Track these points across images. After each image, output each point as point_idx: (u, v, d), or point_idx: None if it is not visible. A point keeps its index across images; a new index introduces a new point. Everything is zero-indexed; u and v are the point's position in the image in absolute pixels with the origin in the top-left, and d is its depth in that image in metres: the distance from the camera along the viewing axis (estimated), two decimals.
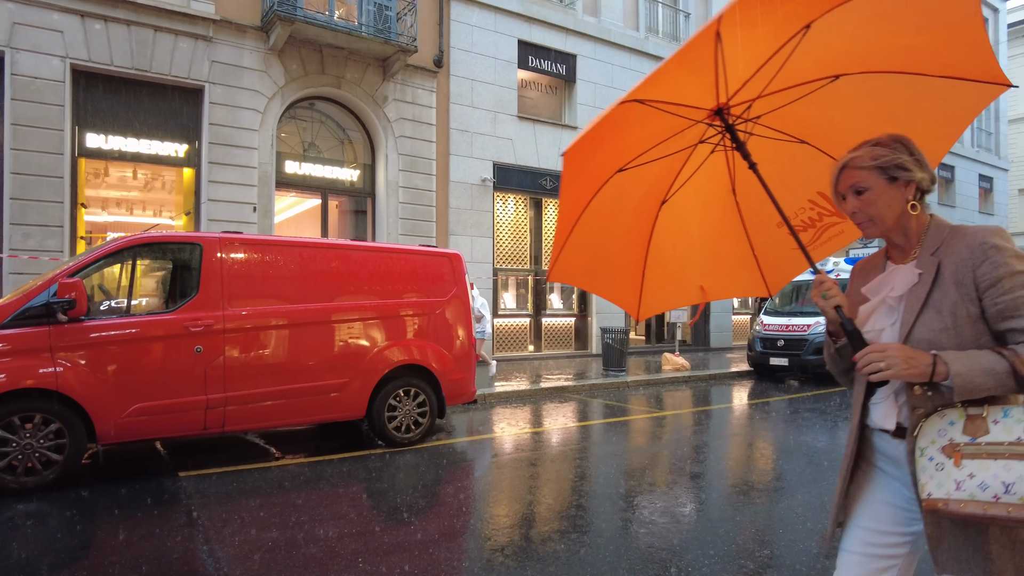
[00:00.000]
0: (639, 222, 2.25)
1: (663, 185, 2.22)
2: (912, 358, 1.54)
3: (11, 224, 9.88)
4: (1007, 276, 1.51)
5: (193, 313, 5.65)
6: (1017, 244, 1.55)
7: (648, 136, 2.01)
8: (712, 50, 1.67)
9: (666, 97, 1.84)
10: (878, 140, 1.65)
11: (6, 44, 9.80)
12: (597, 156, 1.96)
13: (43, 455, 5.03)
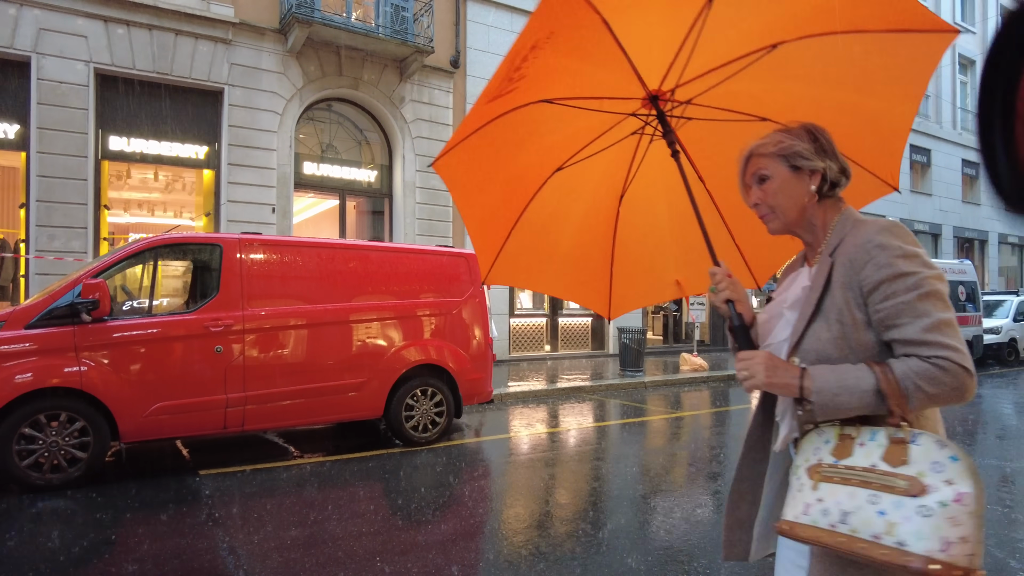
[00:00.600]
0: (598, 219, 2.13)
1: (616, 179, 2.08)
2: (775, 368, 1.42)
3: (37, 226, 10.07)
4: (888, 279, 1.32)
5: (213, 313, 5.72)
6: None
7: (579, 132, 1.90)
8: (607, 39, 1.57)
9: (580, 93, 1.75)
10: (787, 127, 1.52)
11: (32, 49, 9.99)
12: (516, 159, 1.88)
13: (68, 452, 5.13)
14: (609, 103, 1.83)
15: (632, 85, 1.76)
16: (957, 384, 1.26)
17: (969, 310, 14.51)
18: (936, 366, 1.26)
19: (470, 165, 1.92)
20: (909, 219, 22.50)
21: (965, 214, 24.94)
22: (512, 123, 1.82)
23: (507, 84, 1.67)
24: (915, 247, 1.34)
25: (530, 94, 1.79)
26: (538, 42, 1.60)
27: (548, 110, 1.75)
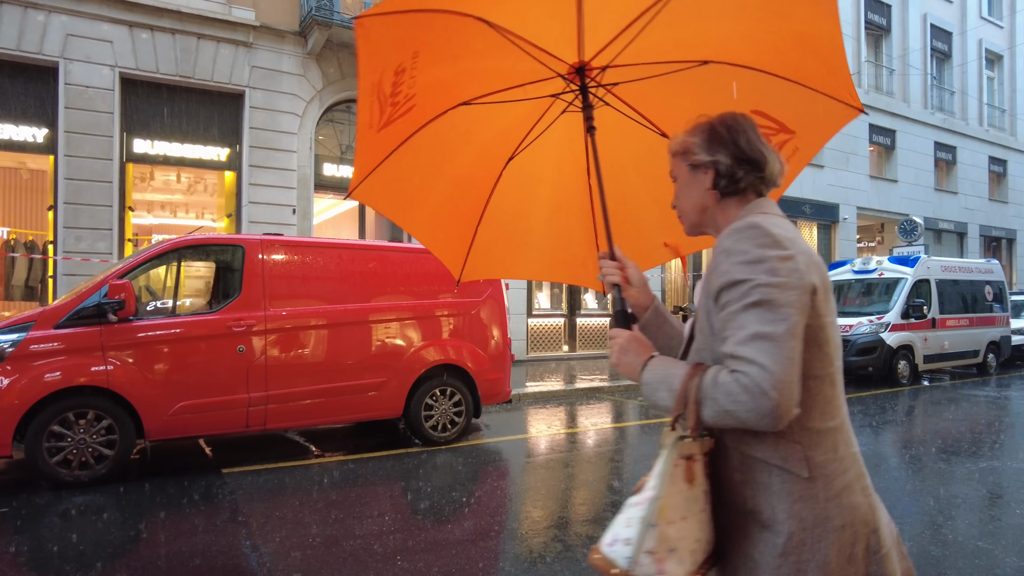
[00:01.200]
0: (480, 172, 2.00)
1: (513, 137, 1.97)
2: (626, 351, 1.36)
3: (64, 227, 10.27)
4: (725, 287, 1.21)
5: (236, 313, 5.79)
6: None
7: (500, 73, 1.80)
8: (491, 34, 1.55)
9: (496, 87, 1.71)
10: (695, 122, 1.41)
11: (60, 55, 10.19)
12: (455, 162, 1.83)
13: (95, 450, 5.23)
14: (533, 88, 1.80)
15: (567, 45, 1.70)
16: (754, 406, 1.11)
17: (996, 310, 14.25)
18: (736, 381, 1.13)
19: (396, 185, 1.91)
20: (934, 217, 22.16)
21: (992, 212, 24.48)
22: (434, 134, 1.81)
23: (394, 109, 1.67)
24: (764, 250, 1.18)
25: (439, 104, 1.79)
26: (403, 65, 1.59)
27: (471, 111, 1.75)
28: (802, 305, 1.16)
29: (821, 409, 1.22)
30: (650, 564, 1.15)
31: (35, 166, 12.39)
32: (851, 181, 20.37)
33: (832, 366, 1.24)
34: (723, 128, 1.36)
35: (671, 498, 1.19)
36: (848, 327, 12.02)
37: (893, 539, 1.28)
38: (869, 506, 1.23)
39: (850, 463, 1.24)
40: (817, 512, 1.19)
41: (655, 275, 16.18)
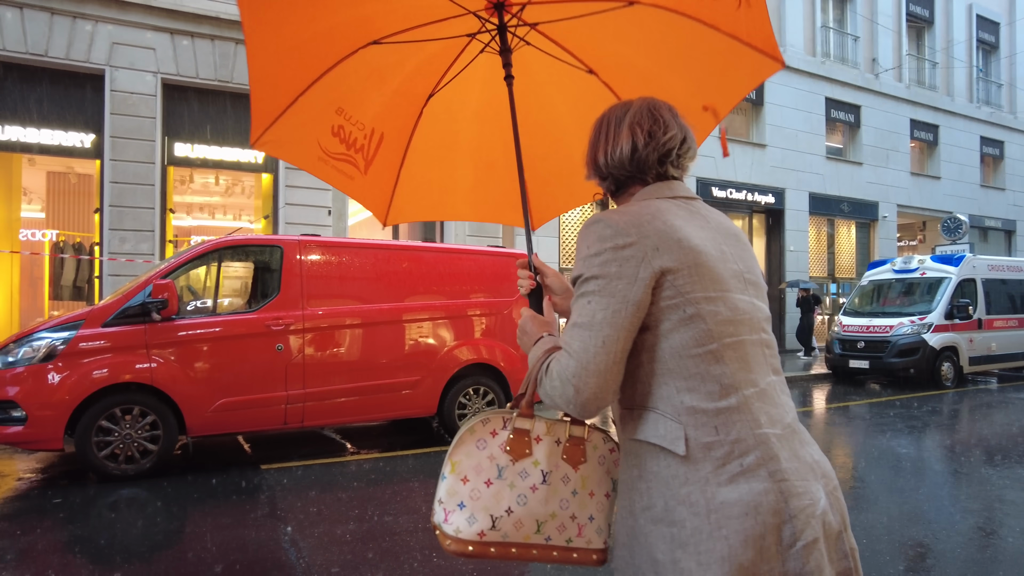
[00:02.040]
0: (398, 113, 1.95)
1: (430, 76, 1.93)
2: (523, 331, 1.40)
3: (110, 229, 10.60)
4: (572, 284, 1.26)
5: (274, 312, 5.91)
6: None
7: (412, 11, 1.73)
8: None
9: (426, 33, 1.65)
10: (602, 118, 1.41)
11: (106, 63, 10.52)
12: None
13: (140, 445, 5.38)
14: (447, 25, 1.75)
15: (461, 3, 1.66)
16: (562, 392, 1.16)
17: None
18: (554, 367, 1.19)
19: (306, 130, 1.86)
20: (980, 215, 21.47)
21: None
22: (344, 75, 1.78)
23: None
24: (600, 243, 1.18)
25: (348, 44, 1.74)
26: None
27: (382, 51, 1.74)
28: (630, 294, 1.15)
29: (708, 388, 1.15)
30: (439, 512, 1.29)
31: (82, 170, 12.82)
32: (891, 178, 19.86)
33: (715, 342, 1.16)
34: (591, 138, 1.39)
35: (468, 458, 1.29)
36: (888, 327, 11.73)
37: (829, 532, 1.16)
38: (779, 493, 1.10)
39: (751, 445, 1.12)
40: (708, 497, 1.10)
41: None
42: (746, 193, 17.21)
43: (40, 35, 10.19)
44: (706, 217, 1.29)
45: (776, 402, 1.21)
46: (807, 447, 1.21)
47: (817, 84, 18.46)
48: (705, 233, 1.23)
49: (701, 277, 1.17)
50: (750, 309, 1.23)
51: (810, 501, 1.14)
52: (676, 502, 1.13)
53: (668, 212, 1.23)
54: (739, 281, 1.24)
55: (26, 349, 5.24)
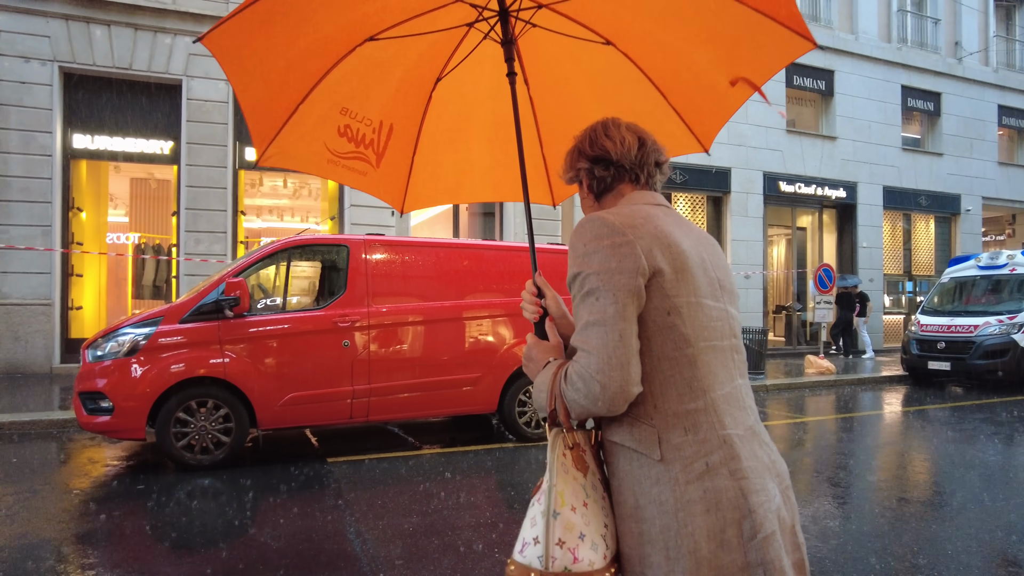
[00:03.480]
0: (405, 104, 1.92)
1: (433, 65, 1.88)
2: (529, 357, 1.42)
3: (186, 231, 11.13)
4: (569, 283, 1.28)
5: (341, 309, 6.06)
6: None
7: (400, 5, 1.69)
8: None
9: (422, 24, 1.59)
10: (583, 134, 1.46)
11: (183, 73, 11.05)
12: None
13: (214, 436, 5.61)
14: (442, 14, 1.69)
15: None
16: (587, 391, 1.17)
17: None
18: (575, 371, 1.20)
19: (312, 136, 1.86)
20: None
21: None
22: (344, 75, 1.77)
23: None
24: (596, 241, 1.22)
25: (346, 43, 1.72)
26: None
27: (381, 46, 1.71)
28: (633, 287, 1.18)
29: (679, 391, 1.20)
30: (564, 554, 1.16)
31: (162, 176, 13.51)
32: (976, 169, 18.75)
33: (691, 347, 1.21)
34: (576, 143, 1.45)
35: (566, 485, 1.22)
36: (972, 327, 11.06)
37: (784, 526, 1.23)
38: (739, 490, 1.17)
39: (715, 445, 1.19)
40: (677, 495, 1.16)
41: (759, 275, 15.55)
42: (815, 187, 16.58)
43: (125, 50, 10.78)
44: (688, 225, 1.36)
45: (741, 405, 1.27)
46: (765, 448, 1.28)
47: (893, 71, 17.61)
48: (689, 240, 1.29)
49: (685, 283, 1.22)
50: (723, 316, 1.29)
51: (767, 498, 1.20)
52: (647, 501, 1.19)
53: (658, 218, 1.29)
54: (715, 288, 1.29)
55: (112, 344, 5.55)
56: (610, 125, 1.43)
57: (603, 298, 1.18)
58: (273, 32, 1.61)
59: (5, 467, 5.65)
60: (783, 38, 1.55)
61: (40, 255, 10.36)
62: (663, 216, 1.31)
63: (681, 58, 1.71)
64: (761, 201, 15.87)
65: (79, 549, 3.91)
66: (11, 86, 10.25)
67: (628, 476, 1.23)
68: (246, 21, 1.53)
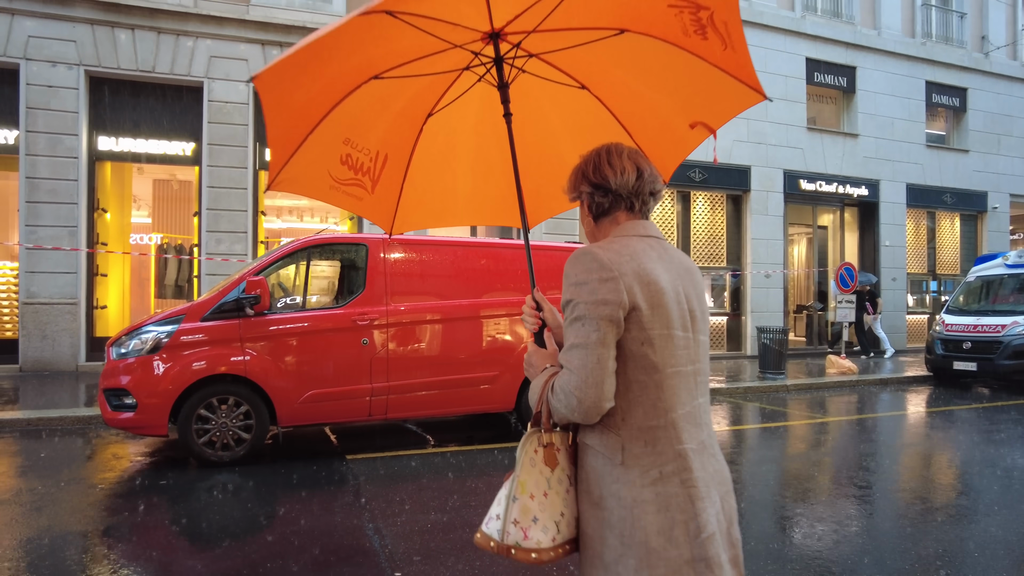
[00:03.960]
0: (399, 134, 2.11)
1: (431, 95, 2.08)
2: (529, 364, 1.62)
3: (207, 231, 11.27)
4: (563, 306, 1.47)
5: (360, 308, 6.10)
6: None
7: (405, 50, 1.84)
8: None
9: (425, 11, 1.69)
10: (584, 159, 1.62)
11: (204, 75, 11.19)
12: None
13: (235, 433, 5.68)
14: (448, 29, 1.77)
15: (478, 15, 1.73)
16: (567, 403, 1.39)
17: None
18: (559, 384, 1.42)
19: (318, 164, 2.02)
20: None
21: None
22: (347, 110, 1.93)
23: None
24: (588, 274, 1.40)
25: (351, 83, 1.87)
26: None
27: (383, 84, 1.86)
28: (615, 318, 1.37)
29: (645, 410, 1.41)
30: (516, 531, 1.44)
31: (183, 177, 13.69)
32: (1003, 166, 18.40)
33: (659, 373, 1.41)
34: (581, 165, 1.60)
35: (529, 477, 1.47)
36: (999, 327, 10.85)
37: (721, 527, 1.44)
38: (687, 496, 1.39)
39: (670, 458, 1.40)
40: (634, 495, 1.38)
41: (779, 274, 15.40)
42: (837, 185, 16.37)
43: (148, 53, 10.95)
44: (671, 256, 1.52)
45: (697, 422, 1.48)
46: (713, 460, 1.49)
47: (916, 67, 17.34)
48: (669, 274, 1.47)
49: (660, 317, 1.41)
50: (690, 344, 1.48)
51: (711, 503, 1.42)
52: (608, 494, 1.41)
53: (643, 254, 1.45)
54: (686, 319, 1.47)
55: (135, 341, 5.64)
56: (613, 153, 1.56)
57: (588, 325, 1.38)
58: (304, 73, 1.77)
59: (34, 462, 5.77)
60: (738, 90, 1.75)
61: (67, 255, 10.55)
62: (649, 251, 1.47)
63: (647, 103, 1.95)
64: (781, 199, 15.71)
65: (104, 542, 3.98)
66: (39, 90, 10.46)
67: (594, 472, 1.44)
68: (288, 63, 1.70)
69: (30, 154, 10.44)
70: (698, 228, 15.32)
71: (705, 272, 15.36)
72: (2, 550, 3.75)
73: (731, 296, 15.65)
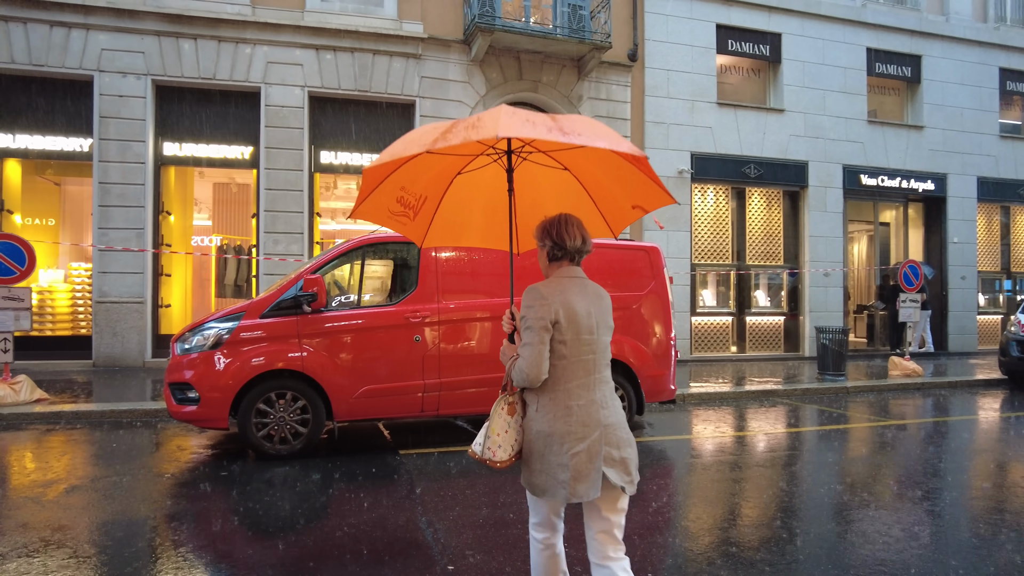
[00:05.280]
0: (435, 186, 3.07)
1: (462, 163, 2.97)
2: (503, 354, 2.53)
3: (265, 232, 11.61)
4: (521, 319, 2.42)
5: (413, 306, 6.18)
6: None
7: (455, 162, 2.94)
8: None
9: (460, 150, 2.74)
10: (541, 223, 2.54)
11: (261, 81, 11.54)
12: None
13: (293, 427, 5.83)
14: (476, 146, 2.74)
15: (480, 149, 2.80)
16: (520, 378, 2.35)
17: None
18: (517, 366, 2.36)
19: (383, 203, 3.04)
20: None
21: None
22: (406, 170, 2.82)
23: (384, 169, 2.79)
24: (533, 301, 2.33)
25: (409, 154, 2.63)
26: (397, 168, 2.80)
27: (431, 157, 2.72)
28: (548, 327, 2.31)
29: (555, 379, 2.36)
30: (489, 452, 2.40)
31: (242, 180, 14.14)
32: None
33: (566, 360, 2.35)
34: (548, 225, 2.50)
35: (497, 423, 2.42)
36: None
37: (588, 451, 2.30)
38: (566, 430, 2.31)
39: (562, 410, 2.34)
40: (541, 427, 2.36)
41: (838, 272, 14.89)
42: (900, 180, 15.72)
43: (209, 61, 11.36)
44: (588, 289, 2.45)
45: (590, 389, 2.38)
46: (601, 410, 2.36)
47: (989, 54, 16.51)
48: (583, 302, 2.39)
49: (572, 327, 2.34)
50: (592, 342, 2.39)
51: (583, 435, 2.31)
52: (532, 425, 2.39)
53: (569, 289, 2.39)
54: (592, 327, 2.39)
55: (198, 337, 5.85)
56: (570, 223, 2.48)
57: (532, 331, 2.32)
58: (390, 196, 3.00)
59: (107, 451, 6.05)
60: (660, 193, 2.68)
61: (134, 256, 11.04)
62: (573, 287, 2.41)
63: (605, 186, 2.87)
64: (840, 195, 15.18)
65: (170, 528, 4.14)
66: (110, 100, 10.98)
67: (528, 417, 2.43)
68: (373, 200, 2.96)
69: (102, 160, 10.97)
70: (754, 226, 14.94)
71: (760, 270, 14.98)
72: (82, 531, 3.95)
73: (788, 295, 15.20)
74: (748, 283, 14.92)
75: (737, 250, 14.80)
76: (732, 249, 14.77)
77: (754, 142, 14.44)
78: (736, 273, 14.72)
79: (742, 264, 14.75)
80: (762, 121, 14.56)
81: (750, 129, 14.45)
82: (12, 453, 6.07)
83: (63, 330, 11.81)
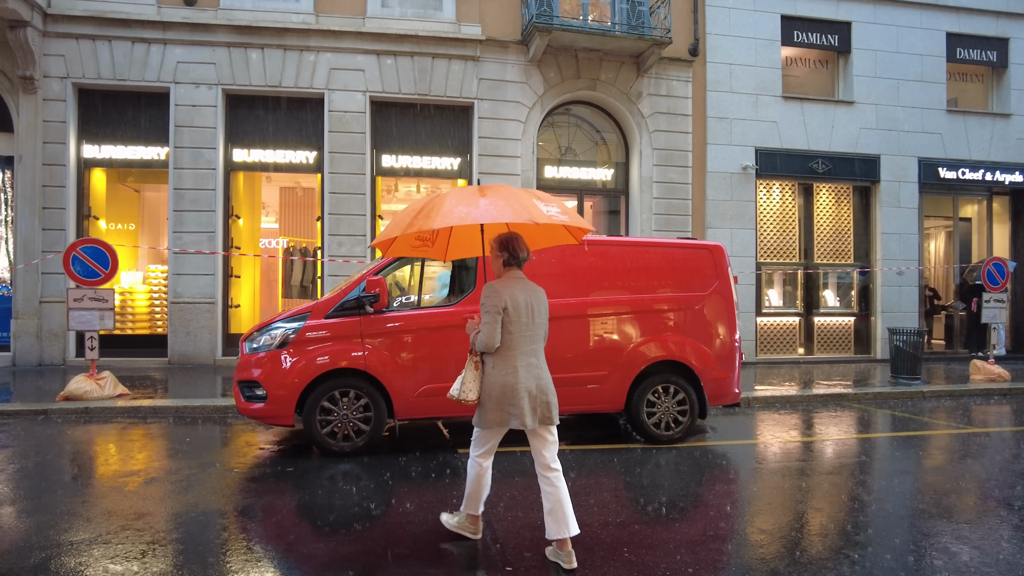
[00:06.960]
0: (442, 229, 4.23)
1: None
2: (469, 329, 3.71)
3: (329, 235, 11.94)
4: (480, 307, 3.61)
5: (471, 306, 6.22)
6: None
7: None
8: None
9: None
10: (497, 235, 3.74)
11: (325, 87, 11.87)
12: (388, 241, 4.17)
13: (355, 425, 5.97)
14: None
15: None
16: (480, 345, 3.55)
17: None
18: (478, 338, 3.56)
19: (401, 247, 4.37)
20: None
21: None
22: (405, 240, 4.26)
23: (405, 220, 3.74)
24: (490, 294, 3.53)
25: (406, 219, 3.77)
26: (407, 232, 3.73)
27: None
28: (499, 311, 3.51)
29: (505, 347, 3.55)
30: (462, 395, 3.60)
31: (307, 184, 14.57)
32: None
33: (512, 335, 3.54)
34: (503, 241, 3.66)
35: (469, 373, 3.62)
36: None
37: (531, 395, 3.55)
38: (512, 384, 3.52)
39: (511, 368, 3.54)
40: (496, 379, 3.55)
41: (913, 270, 14.17)
42: (984, 172, 14.83)
43: (275, 69, 11.77)
44: (527, 287, 3.62)
45: (528, 355, 3.60)
46: (535, 369, 3.61)
47: None
48: (524, 295, 3.57)
49: (516, 313, 3.54)
50: (530, 324, 3.59)
51: (525, 388, 3.55)
52: (488, 378, 3.60)
53: (514, 286, 3.58)
54: (530, 313, 3.59)
55: (266, 337, 6.06)
56: (520, 239, 3.69)
57: (488, 315, 3.51)
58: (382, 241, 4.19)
59: (181, 445, 6.35)
60: (574, 236, 4.14)
61: (206, 258, 11.55)
62: (516, 285, 3.59)
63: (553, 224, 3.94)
64: (916, 190, 14.44)
65: (239, 520, 4.30)
66: (185, 109, 11.52)
67: (485, 373, 3.60)
68: (380, 242, 4.23)
69: (177, 167, 11.52)
70: (822, 222, 14.39)
71: (829, 269, 14.41)
72: (158, 521, 4.16)
73: (858, 295, 14.57)
74: (816, 282, 14.39)
75: (804, 248, 14.29)
76: (799, 247, 14.27)
77: (822, 136, 13.91)
78: (803, 272, 14.22)
79: (809, 263, 14.23)
80: (830, 114, 14.01)
81: (817, 123, 13.92)
82: (98, 444, 6.44)
83: (141, 329, 12.46)
